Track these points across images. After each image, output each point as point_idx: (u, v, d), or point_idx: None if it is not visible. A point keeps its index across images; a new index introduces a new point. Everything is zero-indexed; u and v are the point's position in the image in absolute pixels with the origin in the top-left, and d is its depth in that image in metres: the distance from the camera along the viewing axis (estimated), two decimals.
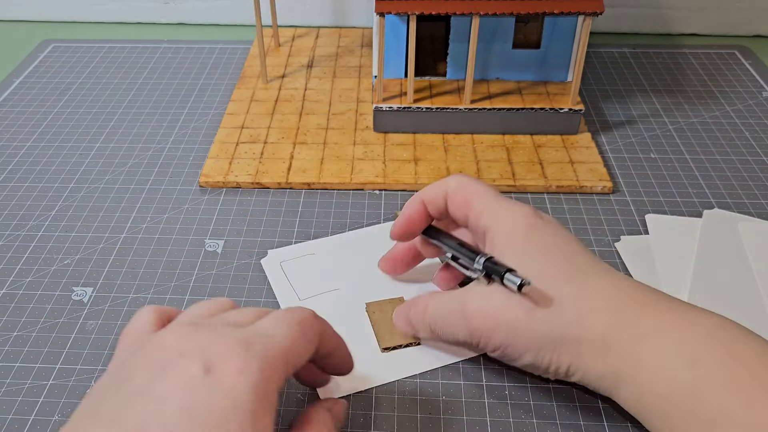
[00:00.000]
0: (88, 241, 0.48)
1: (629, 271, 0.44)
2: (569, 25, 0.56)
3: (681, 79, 0.68)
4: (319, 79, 0.67)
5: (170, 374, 0.26)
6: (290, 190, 0.53)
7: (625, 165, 0.55)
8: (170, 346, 0.27)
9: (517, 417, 0.36)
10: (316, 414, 0.30)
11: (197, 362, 0.26)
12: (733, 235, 0.47)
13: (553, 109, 0.56)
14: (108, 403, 0.26)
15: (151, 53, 0.73)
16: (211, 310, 0.31)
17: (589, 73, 0.69)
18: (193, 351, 0.26)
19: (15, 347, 0.40)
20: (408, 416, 0.36)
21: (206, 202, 0.51)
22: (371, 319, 0.41)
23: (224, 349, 0.26)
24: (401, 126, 0.58)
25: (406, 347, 0.39)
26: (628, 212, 0.50)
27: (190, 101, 0.64)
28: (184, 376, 0.26)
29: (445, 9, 0.52)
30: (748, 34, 0.77)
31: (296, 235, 0.48)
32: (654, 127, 0.60)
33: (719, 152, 0.57)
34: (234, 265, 0.46)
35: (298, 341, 0.29)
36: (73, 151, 0.58)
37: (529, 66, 0.59)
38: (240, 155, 0.55)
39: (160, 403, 0.25)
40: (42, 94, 0.66)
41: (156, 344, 0.28)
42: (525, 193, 0.52)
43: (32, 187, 0.53)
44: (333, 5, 0.78)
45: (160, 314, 0.31)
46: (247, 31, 0.79)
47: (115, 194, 0.52)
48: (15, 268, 0.46)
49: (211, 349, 0.26)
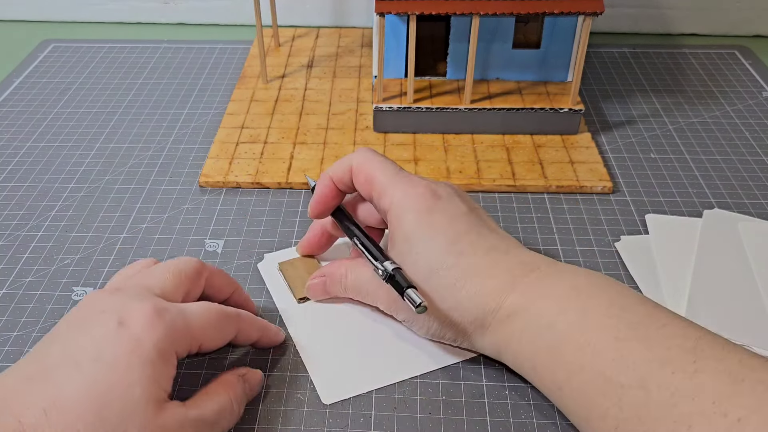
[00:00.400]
0: (88, 241, 0.48)
1: (629, 270, 0.45)
2: (569, 25, 0.56)
3: (681, 79, 0.68)
4: (319, 79, 0.67)
5: (89, 327, 0.31)
6: (290, 190, 0.53)
7: (625, 165, 0.55)
8: (93, 305, 0.32)
9: (517, 417, 0.36)
10: (228, 377, 0.35)
11: (114, 317, 0.31)
12: (733, 235, 0.47)
13: (553, 109, 0.56)
14: (33, 354, 0.31)
15: (151, 53, 0.73)
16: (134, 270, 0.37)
17: (589, 73, 0.69)
18: (111, 309, 0.31)
19: (15, 347, 0.40)
20: (408, 416, 0.36)
21: (206, 202, 0.51)
22: (285, 275, 0.44)
23: (139, 309, 0.31)
24: (401, 126, 0.58)
25: None
26: (628, 212, 0.50)
27: (190, 101, 0.64)
28: (101, 329, 0.30)
29: (445, 9, 0.52)
30: (748, 34, 0.77)
31: (296, 236, 0.48)
32: (654, 127, 0.60)
33: (719, 152, 0.57)
34: (234, 265, 0.46)
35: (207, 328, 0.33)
36: (73, 151, 0.58)
37: (529, 66, 0.59)
38: (240, 155, 0.55)
39: (76, 350, 0.30)
40: (42, 94, 0.66)
41: (82, 305, 0.33)
42: (525, 193, 0.52)
43: (32, 187, 0.53)
44: (333, 5, 0.78)
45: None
46: (247, 31, 0.79)
47: (115, 194, 0.52)
48: (15, 268, 0.46)
49: (128, 307, 0.31)
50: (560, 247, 0.47)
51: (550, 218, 0.49)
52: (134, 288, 0.34)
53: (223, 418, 0.33)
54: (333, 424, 0.36)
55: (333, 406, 0.36)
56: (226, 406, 0.33)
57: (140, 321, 0.30)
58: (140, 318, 0.31)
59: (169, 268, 0.35)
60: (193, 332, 0.32)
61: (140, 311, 0.31)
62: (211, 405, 0.32)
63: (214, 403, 0.33)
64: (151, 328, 0.30)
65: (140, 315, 0.31)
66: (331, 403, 0.37)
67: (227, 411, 0.33)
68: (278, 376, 0.38)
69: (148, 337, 0.30)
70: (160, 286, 0.34)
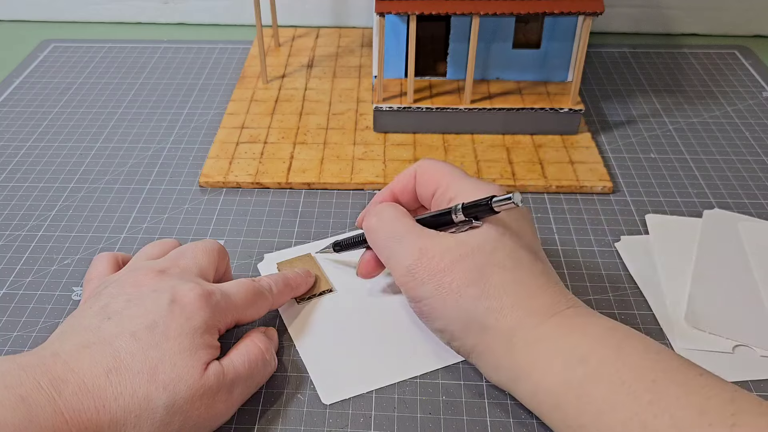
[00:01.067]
0: (88, 241, 0.48)
1: (629, 270, 0.45)
2: (569, 25, 0.56)
3: (681, 79, 0.68)
4: (319, 79, 0.67)
5: (143, 301, 0.34)
6: (290, 190, 0.53)
7: (625, 165, 0.55)
8: (145, 283, 0.35)
9: (517, 417, 0.36)
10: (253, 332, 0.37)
11: (167, 295, 0.34)
12: (733, 235, 0.47)
13: (553, 109, 0.56)
14: (90, 320, 0.33)
15: (151, 53, 0.73)
16: (160, 252, 0.39)
17: (589, 73, 0.69)
18: (164, 289, 0.35)
19: (15, 347, 0.40)
20: (408, 416, 0.36)
21: (206, 202, 0.51)
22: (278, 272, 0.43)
23: (189, 290, 0.34)
24: (401, 126, 0.58)
25: (320, 296, 0.42)
26: (628, 212, 0.50)
27: (190, 101, 0.64)
28: (154, 304, 0.34)
29: (445, 9, 0.52)
30: (748, 34, 0.77)
31: (296, 235, 0.48)
32: (654, 127, 0.60)
33: (719, 152, 0.57)
34: (234, 265, 0.46)
35: (246, 306, 0.37)
36: (74, 151, 0.58)
37: (529, 66, 0.59)
38: (240, 155, 0.55)
39: (131, 320, 0.33)
40: (42, 94, 0.66)
41: (131, 282, 0.35)
42: (525, 193, 0.52)
43: (32, 187, 0.53)
44: (333, 5, 0.78)
45: (116, 259, 0.40)
46: (247, 31, 0.79)
47: (115, 194, 0.52)
48: (15, 268, 0.46)
49: (178, 289, 0.35)
50: (560, 247, 0.47)
51: (550, 218, 0.49)
52: (177, 270, 0.37)
53: (257, 370, 0.35)
54: (333, 424, 0.36)
55: (333, 406, 0.36)
56: (259, 357, 0.35)
57: (190, 301, 0.34)
58: (190, 298, 0.34)
59: (200, 249, 0.39)
60: (235, 310, 0.36)
61: (191, 293, 0.34)
62: (242, 359, 0.35)
63: (246, 356, 0.35)
64: (200, 308, 0.34)
65: (191, 296, 0.34)
66: (331, 403, 0.37)
67: (260, 362, 0.35)
68: (278, 376, 0.38)
69: (198, 315, 0.34)
70: (197, 266, 0.38)
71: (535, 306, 0.34)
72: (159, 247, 0.40)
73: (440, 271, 0.35)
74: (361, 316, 0.41)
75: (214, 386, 0.33)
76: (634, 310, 0.42)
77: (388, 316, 0.41)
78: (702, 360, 0.37)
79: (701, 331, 0.40)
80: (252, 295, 0.37)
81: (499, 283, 0.34)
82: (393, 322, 0.41)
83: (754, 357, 0.38)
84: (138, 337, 0.32)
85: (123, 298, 0.34)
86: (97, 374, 0.31)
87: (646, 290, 0.43)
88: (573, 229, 0.48)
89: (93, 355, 0.31)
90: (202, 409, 0.32)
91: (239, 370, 0.34)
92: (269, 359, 0.36)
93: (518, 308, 0.34)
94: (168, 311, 0.33)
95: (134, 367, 0.31)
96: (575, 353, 0.32)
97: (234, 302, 0.36)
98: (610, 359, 0.31)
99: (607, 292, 0.43)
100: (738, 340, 0.39)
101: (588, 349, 0.32)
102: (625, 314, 0.42)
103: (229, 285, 0.37)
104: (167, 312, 0.33)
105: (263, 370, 0.36)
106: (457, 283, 0.34)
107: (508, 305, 0.34)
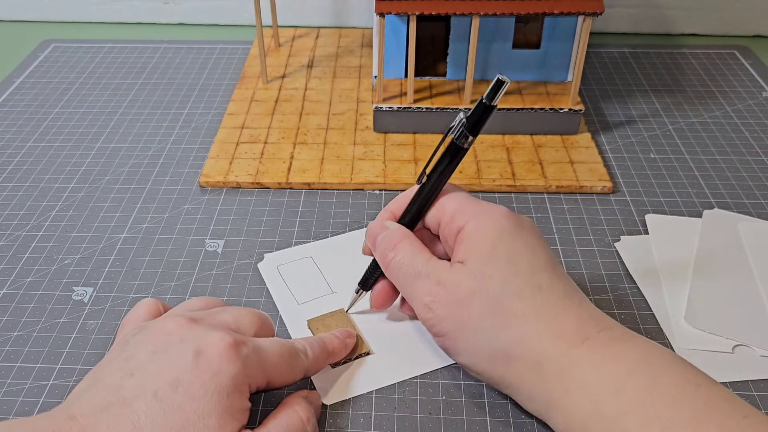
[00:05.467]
0: (88, 241, 0.48)
1: (629, 270, 0.45)
2: (569, 25, 0.56)
3: (681, 79, 0.68)
4: (319, 79, 0.67)
5: (169, 354, 0.31)
6: (290, 190, 0.53)
7: (625, 165, 0.55)
8: (172, 332, 0.32)
9: (517, 417, 0.36)
10: (292, 398, 0.34)
11: (193, 346, 0.31)
12: (732, 235, 0.47)
13: (553, 109, 0.56)
14: (112, 374, 0.31)
15: (151, 53, 0.73)
16: (203, 306, 0.37)
17: (589, 73, 0.69)
18: (192, 338, 0.32)
19: (15, 347, 0.40)
20: (408, 416, 0.36)
21: (206, 202, 0.51)
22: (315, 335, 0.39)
23: (218, 341, 0.31)
24: (401, 126, 0.58)
25: (356, 359, 0.39)
26: (628, 212, 0.50)
27: (190, 101, 0.65)
28: (180, 357, 0.31)
29: (445, 9, 0.52)
30: (748, 34, 0.77)
31: (296, 235, 0.48)
32: (654, 127, 0.60)
33: (719, 152, 0.57)
34: (234, 265, 0.46)
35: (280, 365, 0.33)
36: (74, 151, 0.58)
37: (529, 66, 0.59)
38: (240, 155, 0.55)
39: (155, 375, 0.30)
40: (42, 94, 0.66)
41: (159, 329, 0.32)
42: (525, 193, 0.52)
43: (33, 187, 0.53)
44: (333, 5, 0.78)
45: (158, 306, 0.37)
46: (247, 31, 0.79)
47: (115, 194, 0.52)
48: (15, 268, 0.46)
49: (207, 339, 0.31)
50: (560, 247, 0.47)
51: (550, 218, 0.49)
52: (212, 320, 0.34)
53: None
54: (333, 424, 0.36)
55: (333, 406, 0.36)
56: (298, 426, 0.32)
57: (218, 353, 0.31)
58: (218, 350, 0.31)
59: (244, 309, 0.36)
60: (267, 368, 0.33)
61: (219, 343, 0.31)
62: (280, 429, 0.32)
63: (283, 425, 0.32)
64: (228, 361, 0.31)
65: (219, 347, 0.31)
66: (331, 404, 0.37)
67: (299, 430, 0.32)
68: None
69: (226, 370, 0.31)
70: (235, 322, 0.35)
71: (561, 331, 0.33)
72: (203, 302, 0.37)
73: (458, 306, 0.34)
74: (362, 317, 0.41)
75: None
76: (634, 310, 0.42)
77: (388, 317, 0.41)
78: (702, 360, 0.37)
79: (701, 330, 0.40)
80: (287, 354, 0.34)
81: (519, 312, 0.33)
82: (393, 323, 0.41)
83: (754, 357, 0.39)
84: (160, 397, 0.29)
85: (149, 348, 0.32)
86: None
87: (646, 290, 0.43)
88: (573, 229, 0.48)
89: (110, 421, 0.29)
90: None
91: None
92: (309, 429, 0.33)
93: (543, 336, 0.32)
94: (193, 365, 0.30)
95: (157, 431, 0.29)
96: (608, 383, 0.30)
97: (267, 358, 0.33)
98: (646, 391, 0.29)
99: (607, 292, 0.43)
100: (738, 340, 0.39)
101: (622, 380, 0.30)
102: (625, 314, 0.42)
103: (263, 339, 0.34)
104: (192, 366, 0.30)
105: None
106: (476, 316, 0.33)
107: (532, 334, 0.33)
